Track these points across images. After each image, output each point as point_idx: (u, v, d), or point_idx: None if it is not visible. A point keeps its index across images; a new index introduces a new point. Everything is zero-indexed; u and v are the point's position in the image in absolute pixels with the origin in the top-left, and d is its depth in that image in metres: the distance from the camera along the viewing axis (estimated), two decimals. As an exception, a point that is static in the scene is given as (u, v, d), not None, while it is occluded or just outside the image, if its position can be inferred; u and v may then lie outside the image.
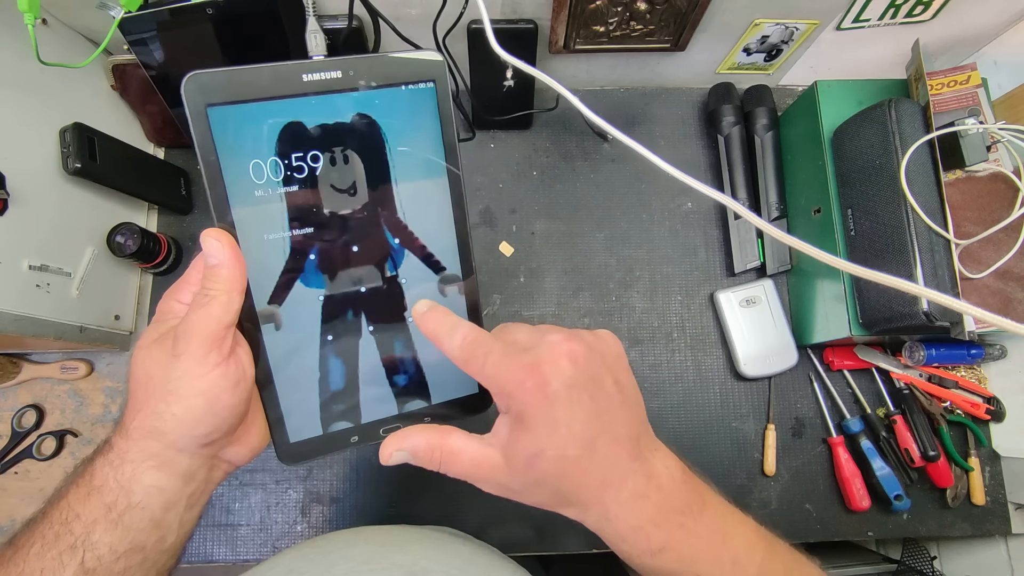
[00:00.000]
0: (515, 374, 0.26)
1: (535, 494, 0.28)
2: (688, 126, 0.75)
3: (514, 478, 0.28)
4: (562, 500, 0.28)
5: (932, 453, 0.63)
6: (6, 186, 0.50)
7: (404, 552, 0.38)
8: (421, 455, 0.28)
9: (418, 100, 0.29)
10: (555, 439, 0.26)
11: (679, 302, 0.70)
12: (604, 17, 0.59)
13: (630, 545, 0.29)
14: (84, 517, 0.27)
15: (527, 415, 0.26)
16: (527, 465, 0.27)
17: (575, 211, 0.72)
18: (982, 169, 0.58)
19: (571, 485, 0.28)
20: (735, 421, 0.68)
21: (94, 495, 0.27)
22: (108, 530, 0.27)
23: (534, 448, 0.27)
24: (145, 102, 0.65)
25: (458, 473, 0.28)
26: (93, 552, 0.27)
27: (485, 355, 0.27)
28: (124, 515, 0.27)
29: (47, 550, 0.27)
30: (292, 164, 0.28)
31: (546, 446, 0.27)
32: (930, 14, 0.61)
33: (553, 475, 0.27)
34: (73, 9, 0.57)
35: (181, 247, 0.69)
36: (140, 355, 0.28)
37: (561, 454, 0.27)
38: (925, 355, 0.63)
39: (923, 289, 0.27)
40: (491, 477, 0.28)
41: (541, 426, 0.26)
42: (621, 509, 0.28)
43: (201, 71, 0.26)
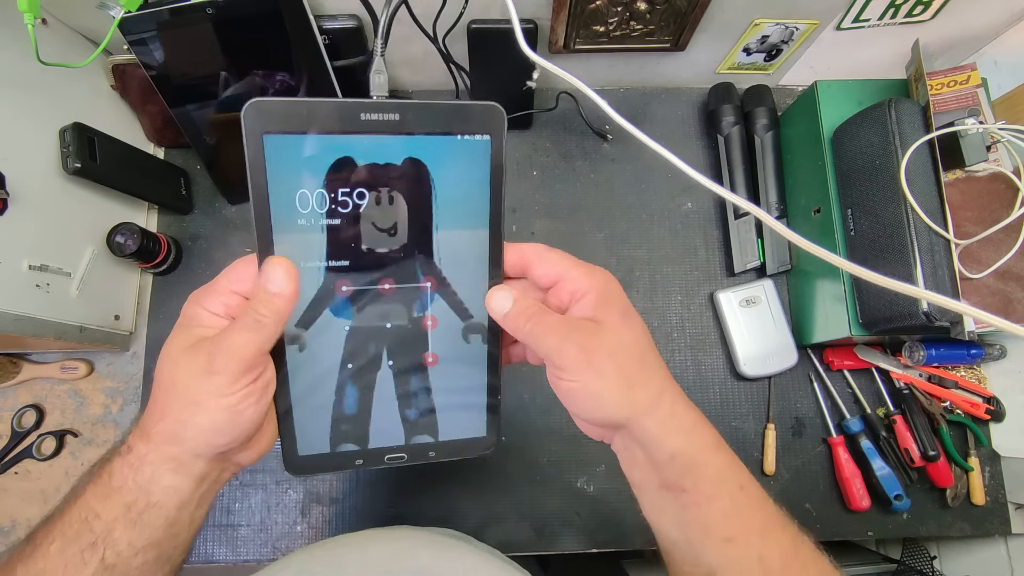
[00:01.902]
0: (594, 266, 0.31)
1: (624, 353, 0.29)
2: (688, 126, 0.75)
3: (606, 335, 0.28)
4: (645, 369, 0.29)
5: (932, 453, 0.63)
6: (6, 186, 0.50)
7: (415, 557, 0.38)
8: (521, 303, 0.30)
9: (472, 151, 0.29)
10: (630, 304, 0.30)
11: (679, 302, 0.70)
12: (604, 17, 0.59)
13: (698, 434, 0.29)
14: (104, 516, 0.28)
15: (611, 283, 0.30)
16: (622, 319, 0.29)
17: (575, 211, 0.72)
18: (982, 169, 0.58)
19: (653, 356, 0.30)
20: (735, 421, 0.68)
21: (114, 495, 0.28)
22: (127, 528, 0.28)
23: (625, 307, 0.30)
24: (145, 102, 0.65)
25: (548, 327, 0.29)
26: (113, 549, 0.28)
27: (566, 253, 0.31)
28: (143, 514, 0.28)
29: (68, 546, 0.27)
30: (338, 198, 0.28)
31: (629, 308, 0.30)
32: (930, 14, 0.61)
33: (642, 330, 0.30)
34: (73, 9, 0.57)
35: (181, 247, 0.69)
36: (168, 362, 0.28)
37: (641, 322, 0.30)
38: (925, 355, 0.63)
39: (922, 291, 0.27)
40: (580, 338, 0.28)
41: (622, 294, 0.30)
42: (682, 398, 0.30)
43: (262, 99, 0.26)
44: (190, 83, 0.58)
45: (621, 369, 0.28)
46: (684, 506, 0.29)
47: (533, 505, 0.65)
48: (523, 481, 0.65)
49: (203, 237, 0.70)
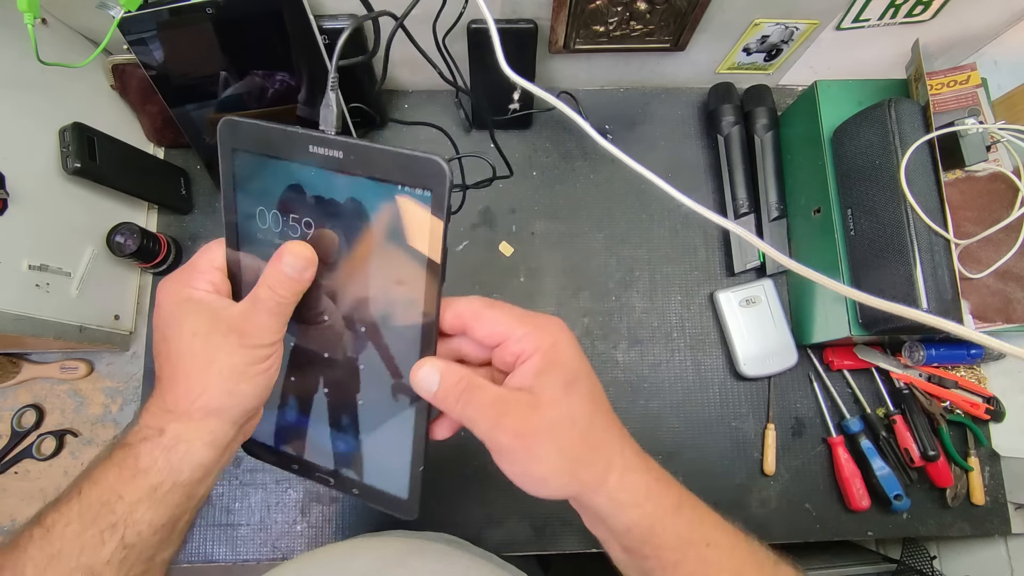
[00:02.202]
0: (543, 316, 0.28)
1: (564, 433, 0.27)
2: (688, 126, 0.75)
3: (545, 412, 0.27)
4: (590, 447, 0.27)
5: (932, 453, 0.63)
6: (6, 186, 0.50)
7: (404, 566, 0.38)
8: (449, 379, 0.28)
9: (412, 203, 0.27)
10: (585, 367, 0.28)
11: (679, 302, 0.70)
12: (604, 17, 0.59)
13: (653, 500, 0.29)
14: (128, 497, 0.29)
15: (562, 342, 0.28)
16: (564, 391, 0.27)
17: (575, 211, 0.72)
18: (982, 169, 0.58)
19: (602, 420, 0.28)
20: (735, 421, 0.68)
21: (140, 477, 0.29)
22: (150, 508, 0.29)
23: (571, 374, 0.27)
24: (145, 102, 0.65)
25: (481, 405, 0.27)
26: (134, 529, 0.28)
27: (511, 306, 0.29)
28: (168, 494, 0.29)
29: (86, 528, 0.28)
30: (288, 222, 0.29)
31: (582, 375, 0.28)
32: (930, 14, 0.61)
33: (590, 402, 0.28)
34: (73, 9, 0.57)
35: (181, 247, 0.69)
36: (194, 342, 0.29)
37: (593, 387, 0.28)
38: (925, 355, 0.63)
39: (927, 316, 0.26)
40: (517, 414, 0.27)
41: (575, 354, 0.28)
42: (640, 460, 0.29)
43: (235, 118, 0.28)
44: (190, 83, 0.58)
45: (562, 451, 0.27)
46: (650, 570, 0.29)
47: (533, 505, 0.65)
48: (523, 481, 0.65)
49: (203, 237, 0.70)
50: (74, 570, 0.28)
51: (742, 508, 0.66)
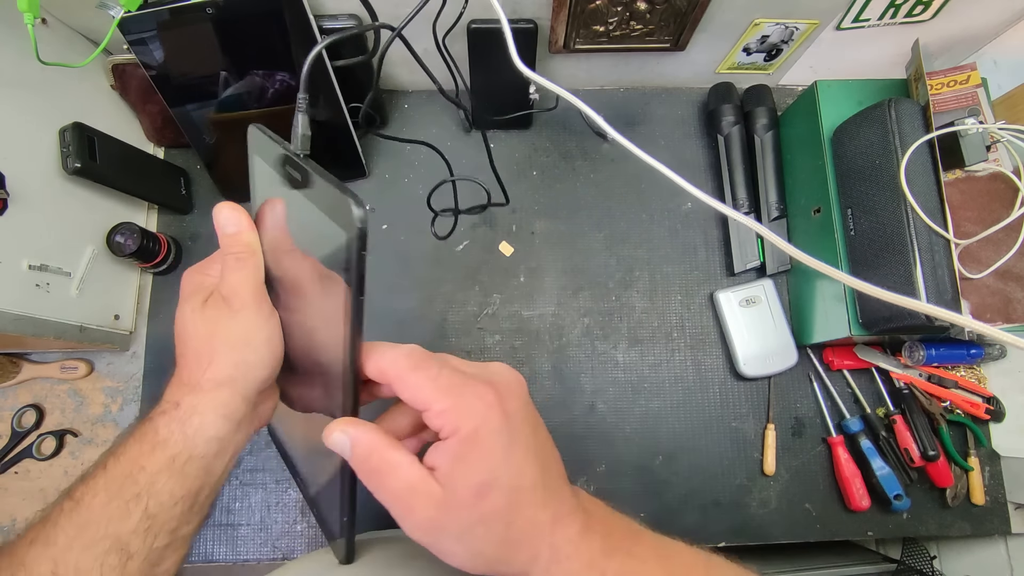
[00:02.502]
0: (474, 387, 0.25)
1: (477, 538, 0.25)
2: (688, 126, 0.75)
3: (453, 516, 0.24)
4: (509, 545, 0.25)
5: (932, 453, 0.63)
6: (6, 186, 0.50)
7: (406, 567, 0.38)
8: (359, 451, 0.26)
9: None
10: (511, 465, 0.24)
11: (679, 302, 0.70)
12: (604, 17, 0.59)
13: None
14: (149, 468, 0.30)
15: (483, 432, 0.24)
16: (476, 496, 0.24)
17: (575, 211, 0.72)
18: (982, 169, 0.58)
19: (524, 523, 0.25)
20: (735, 421, 0.68)
21: (159, 449, 0.30)
22: (170, 479, 0.30)
23: (487, 475, 0.24)
24: (145, 102, 0.65)
25: (388, 492, 0.25)
26: (156, 499, 0.30)
27: (439, 367, 0.25)
28: (185, 465, 0.30)
29: (112, 499, 0.29)
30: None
31: (501, 474, 0.24)
32: (930, 14, 0.61)
33: (506, 510, 0.24)
34: (73, 9, 0.57)
35: (181, 247, 0.69)
36: (194, 317, 0.31)
37: (517, 483, 0.25)
38: (925, 355, 0.63)
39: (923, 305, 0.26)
40: (423, 510, 0.24)
41: (498, 448, 0.24)
42: (573, 547, 0.26)
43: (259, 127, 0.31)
44: (190, 83, 0.58)
45: (475, 556, 0.25)
46: None
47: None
48: (523, 481, 0.65)
49: (203, 237, 0.70)
50: (103, 538, 0.29)
51: (742, 508, 0.66)
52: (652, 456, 0.67)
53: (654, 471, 0.66)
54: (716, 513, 0.66)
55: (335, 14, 0.57)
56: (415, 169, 0.72)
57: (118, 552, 0.29)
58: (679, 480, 0.66)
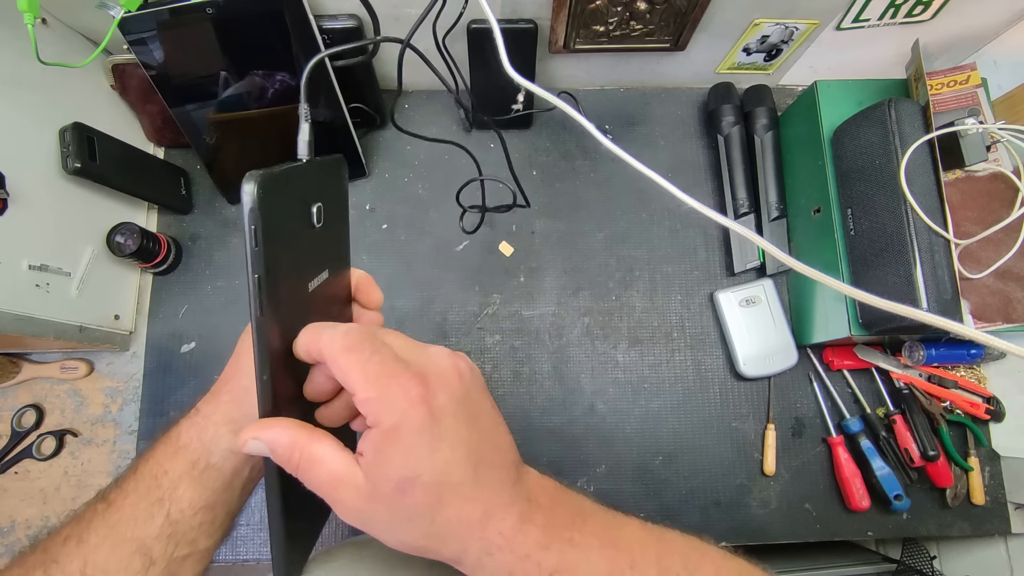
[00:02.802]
0: (401, 378, 0.24)
1: (403, 530, 0.25)
2: (688, 126, 0.75)
3: (378, 508, 0.24)
4: (436, 539, 0.25)
5: (932, 453, 0.63)
6: (6, 186, 0.50)
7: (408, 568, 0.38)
8: (280, 452, 0.25)
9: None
10: (436, 461, 0.24)
11: (679, 302, 0.70)
12: (604, 17, 0.59)
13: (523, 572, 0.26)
14: (171, 472, 0.31)
15: (405, 428, 0.23)
16: (397, 491, 0.23)
17: (575, 211, 0.72)
18: (982, 169, 0.58)
19: (449, 519, 0.24)
20: (735, 421, 0.68)
21: (180, 452, 0.31)
22: (190, 486, 0.31)
23: (408, 471, 0.23)
24: (145, 102, 0.65)
25: (314, 486, 0.25)
26: (177, 505, 0.30)
27: (372, 351, 0.24)
28: (204, 473, 0.31)
29: (139, 501, 0.30)
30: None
31: (423, 470, 0.23)
32: (930, 14, 0.61)
33: (428, 506, 0.24)
34: (73, 9, 0.57)
35: (181, 247, 0.69)
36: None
37: (441, 479, 0.24)
38: (925, 355, 0.63)
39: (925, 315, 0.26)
40: (349, 500, 0.24)
41: (421, 444, 0.23)
42: (505, 540, 0.25)
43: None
44: (190, 83, 0.58)
45: (403, 543, 0.25)
46: None
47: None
48: (523, 481, 0.65)
49: (203, 237, 0.70)
50: (129, 540, 0.29)
51: (742, 508, 0.66)
52: (652, 456, 0.67)
53: (654, 471, 0.66)
54: (716, 513, 0.66)
55: (335, 14, 0.57)
56: (415, 169, 0.72)
57: (141, 556, 0.30)
58: (679, 480, 0.66)
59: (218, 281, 0.69)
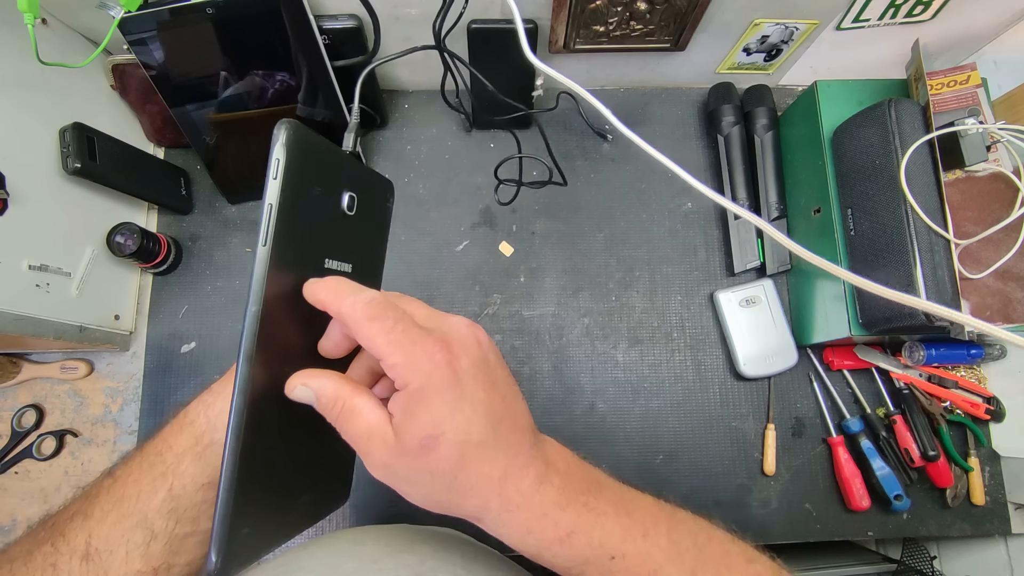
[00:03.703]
0: (425, 344, 0.25)
1: (426, 485, 0.26)
2: (688, 126, 0.75)
3: (403, 463, 0.25)
4: (457, 494, 0.26)
5: (932, 453, 0.63)
6: (6, 186, 0.50)
7: (411, 552, 0.38)
8: (324, 401, 0.26)
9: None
10: (458, 421, 0.25)
11: (679, 302, 0.70)
12: (604, 17, 0.59)
13: (536, 536, 0.27)
14: (176, 448, 0.31)
15: (430, 390, 0.25)
16: (422, 448, 0.25)
17: (575, 211, 0.72)
18: (982, 169, 0.58)
19: (470, 475, 0.26)
20: (735, 421, 0.68)
21: (186, 428, 0.31)
22: (193, 461, 0.31)
23: (432, 429, 0.25)
24: (145, 102, 0.65)
25: (350, 436, 0.26)
26: (180, 480, 0.31)
27: (396, 320, 0.25)
28: (207, 449, 0.31)
29: (143, 476, 0.31)
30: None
31: (447, 429, 0.25)
32: (930, 14, 0.61)
33: (451, 462, 0.25)
34: (73, 9, 0.57)
35: (181, 247, 0.69)
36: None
37: (463, 439, 0.25)
38: (925, 355, 0.63)
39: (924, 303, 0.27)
40: (379, 454, 0.26)
41: (444, 404, 0.25)
42: (524, 498, 0.27)
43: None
44: (190, 83, 0.58)
45: (426, 498, 0.27)
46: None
47: (533, 505, 0.64)
48: (523, 481, 0.65)
49: (203, 237, 0.70)
50: (131, 514, 0.30)
51: (742, 508, 0.66)
52: (652, 456, 0.67)
53: (654, 470, 0.66)
54: (716, 513, 0.65)
55: (335, 14, 0.57)
56: (415, 169, 0.72)
57: (143, 529, 0.30)
58: (679, 479, 0.66)
59: (218, 281, 0.69)
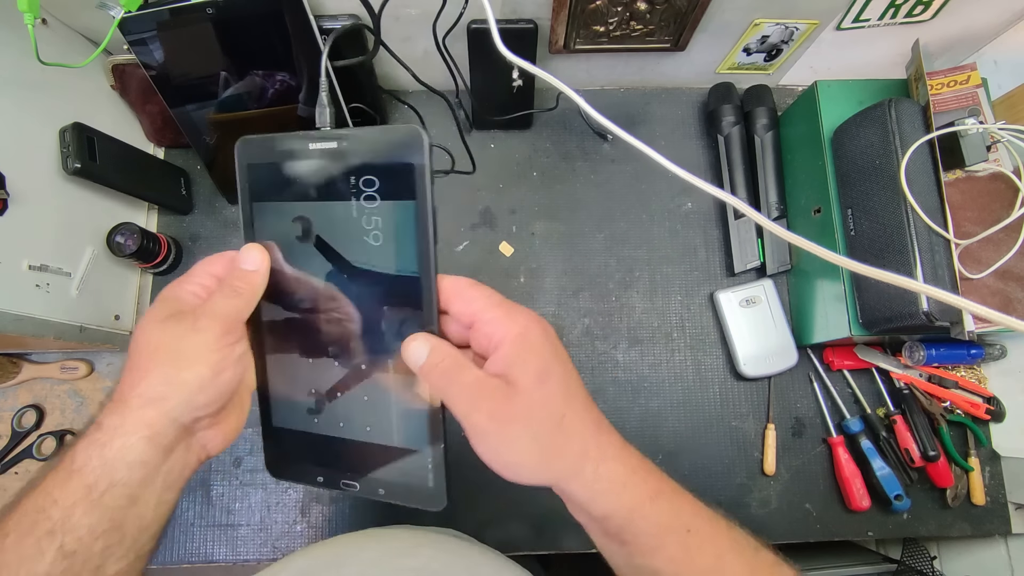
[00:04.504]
0: (517, 306, 0.28)
1: (536, 425, 0.27)
2: (688, 126, 0.75)
3: (516, 405, 0.26)
4: (563, 435, 0.27)
5: (932, 453, 0.63)
6: (6, 186, 0.50)
7: (414, 556, 0.38)
8: (434, 357, 0.28)
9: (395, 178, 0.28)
10: (559, 363, 0.28)
11: (679, 302, 0.70)
12: (604, 17, 0.59)
13: (631, 491, 0.28)
14: (62, 501, 0.27)
15: (532, 335, 0.27)
16: (537, 381, 0.27)
17: (575, 211, 0.72)
18: (982, 169, 0.58)
19: (574, 417, 0.28)
20: (735, 421, 0.68)
21: (74, 477, 0.27)
22: (88, 512, 0.27)
23: (543, 364, 0.27)
24: (145, 102, 0.65)
25: (459, 387, 0.27)
26: (73, 535, 0.27)
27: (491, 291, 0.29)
28: (104, 494, 0.27)
29: (23, 538, 0.26)
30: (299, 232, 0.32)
31: (553, 367, 0.27)
32: (930, 14, 0.61)
33: (561, 397, 0.27)
34: (73, 9, 0.57)
35: (181, 247, 0.69)
36: (151, 327, 0.29)
37: (566, 380, 0.28)
38: (925, 355, 0.63)
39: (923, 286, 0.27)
40: (491, 402, 0.27)
41: (546, 348, 0.28)
42: (616, 450, 0.29)
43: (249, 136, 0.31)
44: (190, 83, 0.58)
45: (535, 439, 0.27)
46: (630, 555, 0.29)
47: (534, 505, 0.65)
48: (523, 481, 0.65)
49: (203, 237, 0.70)
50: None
51: (742, 508, 0.66)
52: (652, 455, 0.66)
53: (654, 471, 0.66)
54: (716, 513, 0.66)
55: (335, 14, 0.57)
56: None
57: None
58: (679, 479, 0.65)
59: (218, 281, 0.69)
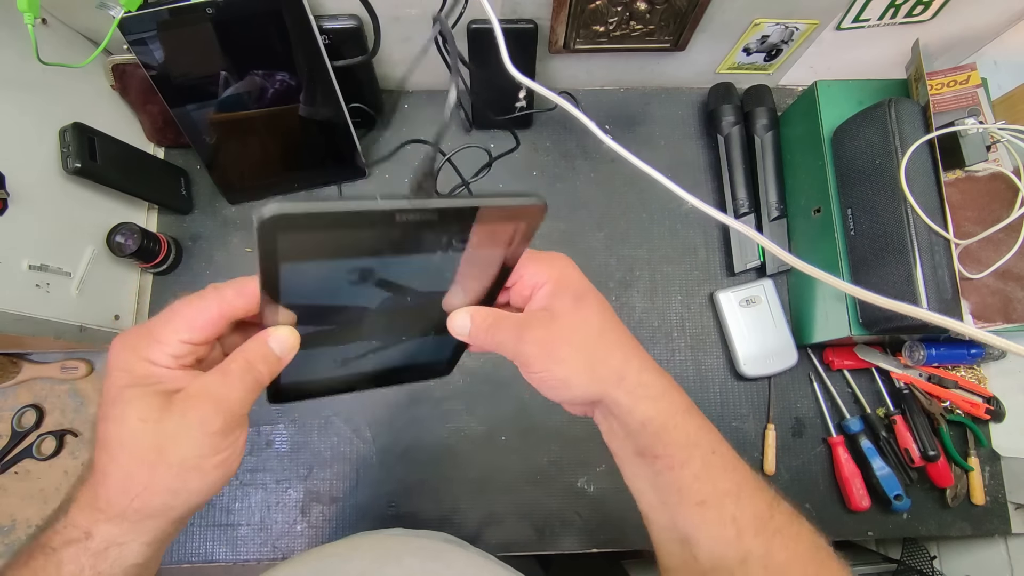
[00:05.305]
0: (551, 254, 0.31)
1: (580, 335, 0.29)
2: (688, 126, 0.75)
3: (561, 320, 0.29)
4: (605, 344, 0.30)
5: (932, 453, 0.63)
6: (6, 186, 0.50)
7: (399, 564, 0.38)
8: (477, 320, 0.30)
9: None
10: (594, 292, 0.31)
11: (679, 302, 0.70)
12: (604, 17, 0.59)
13: (668, 398, 0.30)
14: None
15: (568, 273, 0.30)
16: (576, 301, 0.30)
17: (575, 210, 0.72)
18: (982, 169, 0.58)
19: (611, 333, 0.30)
20: (735, 421, 0.68)
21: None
22: None
23: (581, 288, 0.30)
24: (145, 102, 0.65)
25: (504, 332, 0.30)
26: None
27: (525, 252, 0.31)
28: None
29: None
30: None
31: (589, 295, 0.30)
32: (930, 14, 0.61)
33: (599, 314, 0.30)
34: (73, 9, 0.57)
35: (181, 247, 0.69)
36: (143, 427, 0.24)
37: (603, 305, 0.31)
38: (925, 355, 0.63)
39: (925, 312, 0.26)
40: (536, 330, 0.29)
41: (581, 280, 0.31)
42: (654, 366, 0.31)
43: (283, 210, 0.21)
44: (190, 83, 0.58)
45: (579, 352, 0.29)
46: (658, 471, 0.30)
47: (534, 505, 0.65)
48: (523, 481, 0.65)
49: (203, 237, 0.70)
50: None
51: (742, 508, 0.66)
52: (652, 456, 0.67)
53: (654, 471, 0.66)
54: (716, 513, 0.66)
55: (335, 14, 0.57)
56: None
57: None
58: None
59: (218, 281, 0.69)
